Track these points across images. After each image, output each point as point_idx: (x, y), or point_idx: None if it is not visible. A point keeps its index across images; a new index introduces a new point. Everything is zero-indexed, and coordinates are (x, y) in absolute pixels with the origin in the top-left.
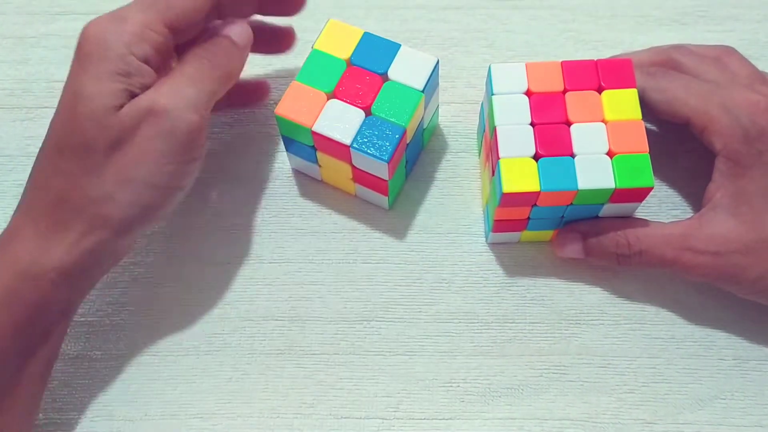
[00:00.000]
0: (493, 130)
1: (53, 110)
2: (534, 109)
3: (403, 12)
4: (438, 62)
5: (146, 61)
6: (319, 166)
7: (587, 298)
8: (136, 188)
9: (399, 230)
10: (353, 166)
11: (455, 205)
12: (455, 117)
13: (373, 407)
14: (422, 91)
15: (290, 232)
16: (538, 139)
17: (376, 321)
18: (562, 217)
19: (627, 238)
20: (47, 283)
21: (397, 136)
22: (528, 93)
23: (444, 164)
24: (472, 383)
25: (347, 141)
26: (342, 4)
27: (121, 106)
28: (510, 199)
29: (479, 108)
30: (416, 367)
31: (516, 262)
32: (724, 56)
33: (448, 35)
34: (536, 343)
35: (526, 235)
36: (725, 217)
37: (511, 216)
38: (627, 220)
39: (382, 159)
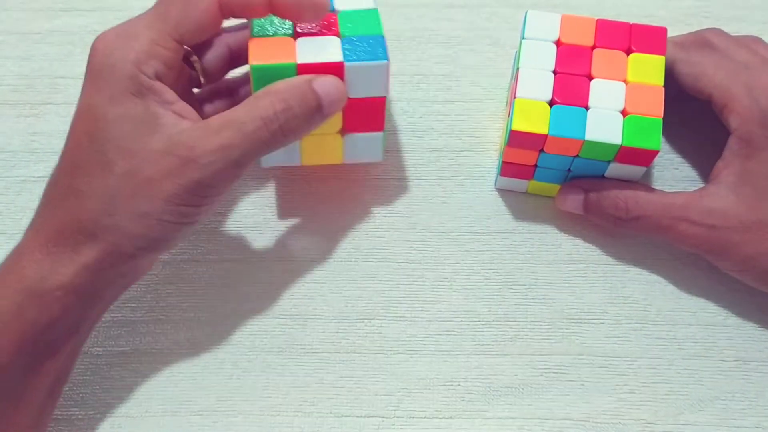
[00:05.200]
0: (516, 71)
1: (57, 106)
2: (560, 58)
3: (407, 10)
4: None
5: (158, 78)
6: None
7: (588, 298)
8: (148, 222)
9: (401, 229)
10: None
11: (458, 204)
12: (459, 116)
13: (374, 406)
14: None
15: (292, 230)
16: (557, 86)
17: (378, 319)
18: (569, 171)
19: (626, 203)
20: (53, 300)
21: (381, 41)
22: (557, 43)
23: (448, 164)
24: (472, 382)
25: (339, 58)
26: None
27: (143, 130)
28: (518, 138)
29: (483, 106)
30: (417, 365)
31: (518, 261)
32: (752, 44)
33: (452, 33)
34: (537, 343)
35: (533, 185)
36: (726, 194)
37: (519, 159)
38: (630, 184)
39: (380, 59)
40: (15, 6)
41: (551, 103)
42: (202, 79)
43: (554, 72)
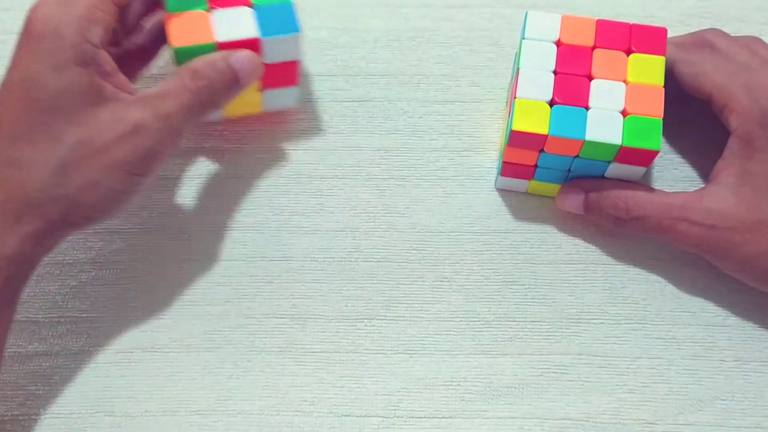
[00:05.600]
0: (517, 72)
1: None
2: (560, 58)
3: (407, 11)
4: None
5: (101, 45)
6: None
7: (588, 298)
8: (98, 191)
9: (401, 229)
10: (264, 67)
11: (458, 204)
12: (459, 116)
13: (374, 405)
14: None
15: (292, 230)
16: (557, 87)
17: (377, 319)
18: (569, 171)
19: (626, 203)
20: None
21: (291, 9)
22: (558, 43)
23: (447, 163)
24: (472, 382)
25: (256, 34)
26: (346, 2)
27: (89, 100)
28: (518, 138)
29: (483, 106)
30: (417, 365)
31: (518, 261)
32: (752, 44)
33: (452, 34)
34: (537, 342)
35: (533, 185)
36: (726, 195)
37: (519, 159)
38: (630, 184)
39: (293, 31)
40: (16, 6)
41: (551, 103)
42: (121, 36)
43: (554, 72)
